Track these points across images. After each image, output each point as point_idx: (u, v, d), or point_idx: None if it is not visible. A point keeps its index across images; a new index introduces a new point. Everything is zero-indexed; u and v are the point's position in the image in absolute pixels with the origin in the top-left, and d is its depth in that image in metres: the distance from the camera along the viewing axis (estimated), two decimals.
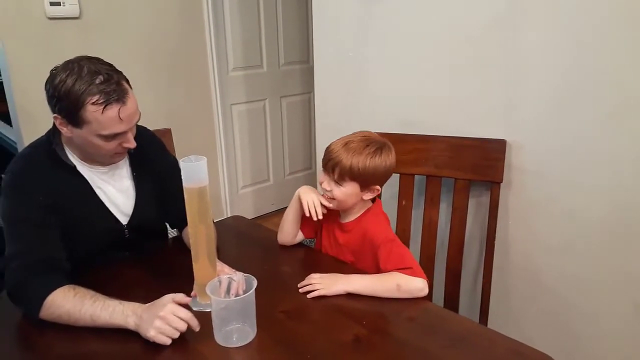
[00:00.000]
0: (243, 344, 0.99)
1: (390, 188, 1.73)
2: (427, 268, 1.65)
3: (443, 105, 1.69)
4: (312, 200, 1.29)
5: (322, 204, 1.29)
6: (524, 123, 1.50)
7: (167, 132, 1.71)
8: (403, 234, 1.69)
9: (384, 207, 1.71)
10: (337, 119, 2.05)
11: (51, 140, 1.22)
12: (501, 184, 1.54)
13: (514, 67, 1.48)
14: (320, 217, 1.28)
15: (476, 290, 1.70)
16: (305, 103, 3.49)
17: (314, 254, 1.34)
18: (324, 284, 1.14)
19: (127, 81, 1.16)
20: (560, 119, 1.42)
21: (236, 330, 1.00)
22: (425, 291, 1.15)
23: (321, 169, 1.29)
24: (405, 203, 1.69)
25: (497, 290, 1.62)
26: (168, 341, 0.96)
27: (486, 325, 1.54)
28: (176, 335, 0.97)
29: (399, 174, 1.67)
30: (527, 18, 1.42)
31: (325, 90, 2.09)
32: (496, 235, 1.55)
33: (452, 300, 1.62)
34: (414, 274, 1.16)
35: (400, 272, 1.16)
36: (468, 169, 1.58)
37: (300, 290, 1.15)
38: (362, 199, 1.27)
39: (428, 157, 1.64)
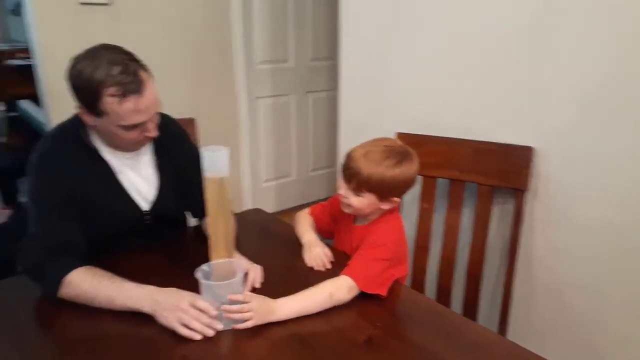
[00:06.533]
0: (227, 328, 0.99)
1: (412, 190, 1.70)
2: (446, 273, 1.62)
3: (470, 109, 1.66)
4: (318, 255, 1.28)
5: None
6: (553, 130, 1.46)
7: (192, 121, 1.72)
8: (423, 237, 1.67)
9: (405, 209, 1.69)
10: (361, 117, 2.03)
11: (77, 123, 1.23)
12: (526, 191, 1.50)
13: (545, 72, 1.44)
14: (323, 269, 1.25)
15: (496, 299, 1.67)
16: (332, 100, 3.47)
17: (332, 252, 1.32)
18: (258, 312, 1.00)
19: (146, 70, 1.15)
20: (590, 127, 1.38)
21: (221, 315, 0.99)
22: (347, 297, 1.09)
23: None
24: (426, 206, 1.66)
25: (518, 301, 1.59)
26: (196, 336, 0.96)
27: (505, 335, 1.51)
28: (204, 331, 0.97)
29: (421, 177, 1.64)
30: (561, 23, 1.39)
31: (350, 87, 2.07)
32: (519, 244, 1.52)
33: (470, 308, 1.59)
34: (353, 275, 1.11)
35: (343, 275, 1.12)
36: (493, 174, 1.54)
37: (225, 316, 0.99)
38: (380, 208, 1.24)
39: (452, 161, 1.61)
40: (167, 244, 1.37)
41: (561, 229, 1.51)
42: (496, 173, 1.54)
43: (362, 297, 1.11)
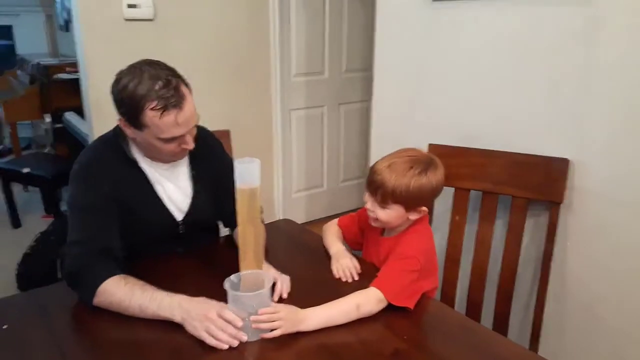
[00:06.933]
0: (254, 339, 1.00)
1: (444, 202, 1.69)
2: (477, 287, 1.60)
3: (505, 120, 1.64)
4: (346, 266, 1.28)
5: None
6: (591, 143, 1.43)
7: (226, 133, 1.76)
8: (454, 250, 1.65)
9: (436, 221, 1.67)
10: (393, 128, 2.04)
11: (118, 135, 1.28)
12: (561, 205, 1.47)
13: (584, 85, 1.42)
14: (350, 280, 1.25)
15: (528, 315, 1.63)
16: (364, 111, 3.48)
17: (360, 263, 1.33)
18: (286, 321, 1.01)
19: (187, 84, 1.20)
20: (629, 139, 1.35)
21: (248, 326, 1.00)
22: (375, 309, 1.09)
23: None
24: (458, 218, 1.65)
25: (551, 317, 1.55)
26: (223, 346, 0.98)
27: (536, 352, 1.47)
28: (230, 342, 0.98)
29: (454, 188, 1.63)
30: (602, 34, 1.36)
31: (383, 98, 2.08)
32: (553, 258, 1.49)
33: (501, 323, 1.56)
34: (382, 287, 1.10)
35: (372, 287, 1.11)
36: (527, 187, 1.52)
37: (254, 326, 1.00)
38: (408, 219, 1.24)
39: (486, 173, 1.59)
40: (199, 252, 1.40)
41: (597, 243, 1.47)
42: (531, 185, 1.51)
43: (390, 310, 1.11)
